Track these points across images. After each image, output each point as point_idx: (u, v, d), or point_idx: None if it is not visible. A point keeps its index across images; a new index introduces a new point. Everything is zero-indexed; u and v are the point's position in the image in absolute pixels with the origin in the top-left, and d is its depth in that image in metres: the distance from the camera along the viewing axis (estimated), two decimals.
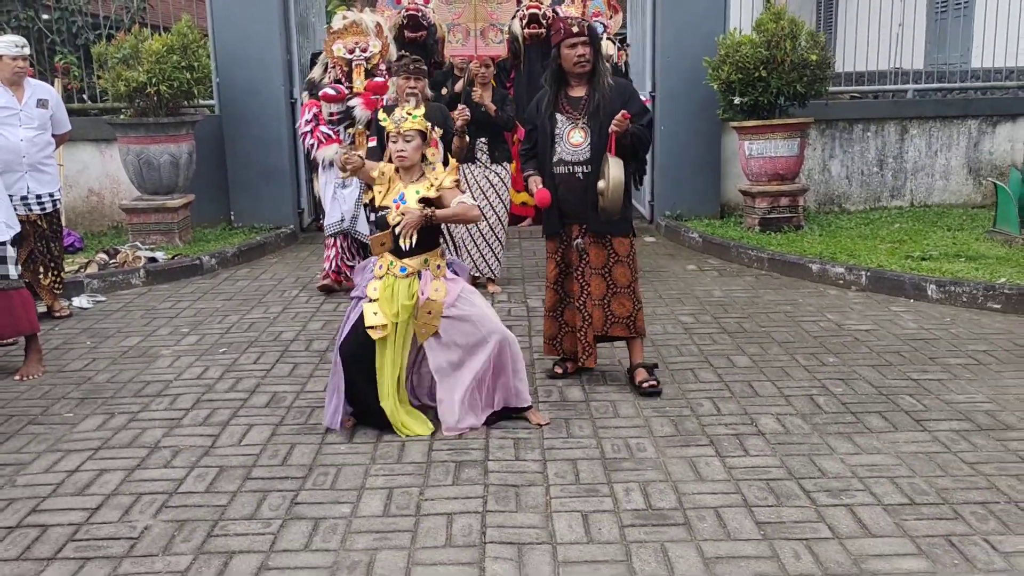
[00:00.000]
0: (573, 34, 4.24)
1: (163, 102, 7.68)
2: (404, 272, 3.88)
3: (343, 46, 6.30)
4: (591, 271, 4.37)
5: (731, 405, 4.15)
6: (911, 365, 4.66)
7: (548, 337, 4.60)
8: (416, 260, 3.89)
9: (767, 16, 7.70)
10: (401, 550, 2.93)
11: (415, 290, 3.87)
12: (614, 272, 4.35)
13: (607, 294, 4.36)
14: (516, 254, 7.76)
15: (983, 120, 8.82)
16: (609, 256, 4.35)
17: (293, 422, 4.05)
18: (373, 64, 6.34)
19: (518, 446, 3.73)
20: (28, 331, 4.84)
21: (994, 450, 3.61)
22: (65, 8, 8.83)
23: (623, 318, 4.37)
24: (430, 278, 3.89)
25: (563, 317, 4.52)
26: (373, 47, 6.33)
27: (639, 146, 4.29)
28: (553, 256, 4.50)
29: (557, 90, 4.37)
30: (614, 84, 4.35)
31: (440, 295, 3.86)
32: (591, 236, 4.35)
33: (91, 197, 8.75)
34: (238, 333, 5.55)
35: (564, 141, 4.32)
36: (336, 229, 6.40)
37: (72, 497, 3.35)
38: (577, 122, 4.30)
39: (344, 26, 6.34)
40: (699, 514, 3.12)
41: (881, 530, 2.99)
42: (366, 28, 6.35)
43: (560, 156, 4.33)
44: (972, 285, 5.78)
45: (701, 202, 8.63)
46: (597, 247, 4.35)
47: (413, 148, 3.91)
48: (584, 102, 4.30)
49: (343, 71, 6.32)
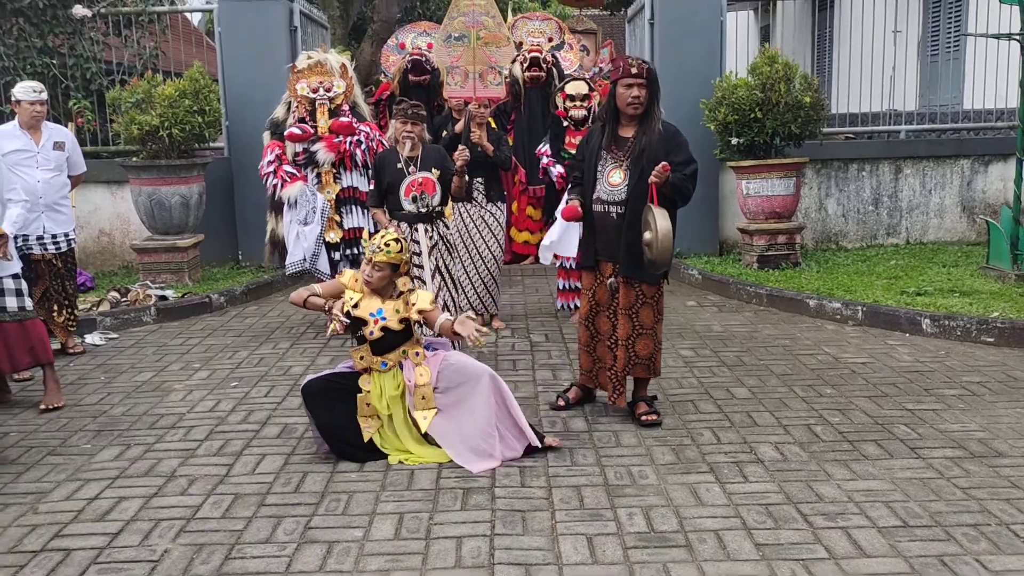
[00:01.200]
0: (632, 75, 4.25)
1: (175, 145, 7.89)
2: (385, 367, 4.06)
3: (307, 85, 6.32)
4: (620, 311, 4.42)
5: (731, 434, 4.27)
6: (906, 396, 4.78)
7: (585, 370, 4.65)
8: (395, 354, 4.08)
9: (762, 60, 7.94)
10: (413, 571, 3.04)
11: (400, 381, 4.06)
12: (641, 313, 4.41)
13: (632, 334, 4.41)
14: (519, 291, 7.91)
15: (975, 160, 9.02)
16: (637, 297, 4.40)
17: (304, 452, 4.17)
18: (336, 104, 6.35)
19: (524, 474, 3.84)
20: (44, 361, 4.96)
21: (986, 476, 3.72)
22: (80, 55, 9.08)
23: (645, 359, 4.44)
24: (412, 367, 4.07)
25: (596, 352, 4.58)
26: (337, 87, 6.35)
27: (678, 196, 4.31)
28: (587, 292, 4.54)
29: (608, 128, 4.40)
30: (663, 130, 4.34)
31: (425, 378, 4.03)
32: (623, 277, 4.40)
33: (102, 238, 8.93)
34: (248, 368, 5.67)
35: (604, 180, 4.38)
36: (298, 268, 6.37)
37: (93, 523, 3.47)
38: (621, 163, 4.34)
39: (308, 65, 6.39)
40: (700, 536, 3.23)
41: (876, 551, 3.10)
42: (330, 68, 6.38)
43: (598, 195, 4.40)
44: (966, 319, 5.91)
45: (700, 240, 8.81)
46: (627, 287, 4.40)
47: (379, 278, 4.05)
48: (631, 144, 4.34)
49: (306, 110, 6.33)
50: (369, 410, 4.05)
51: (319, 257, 6.34)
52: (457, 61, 6.08)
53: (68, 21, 8.94)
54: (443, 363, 4.09)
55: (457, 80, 6.12)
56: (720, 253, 8.83)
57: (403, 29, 9.27)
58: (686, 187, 4.29)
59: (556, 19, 9.52)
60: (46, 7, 8.71)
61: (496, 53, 6.10)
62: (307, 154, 6.27)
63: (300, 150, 6.29)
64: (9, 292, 4.84)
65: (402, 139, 5.39)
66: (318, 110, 6.29)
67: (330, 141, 6.24)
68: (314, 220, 6.21)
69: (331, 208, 6.34)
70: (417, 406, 4.03)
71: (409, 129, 5.38)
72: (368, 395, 4.05)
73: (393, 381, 4.06)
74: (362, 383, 4.08)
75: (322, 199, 6.29)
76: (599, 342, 4.56)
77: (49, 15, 8.81)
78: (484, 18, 6.03)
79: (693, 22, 8.67)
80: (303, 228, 6.25)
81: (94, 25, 9.21)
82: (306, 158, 6.28)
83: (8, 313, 4.81)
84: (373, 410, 4.05)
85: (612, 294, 4.46)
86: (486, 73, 6.10)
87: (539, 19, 9.25)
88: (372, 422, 4.04)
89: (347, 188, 6.41)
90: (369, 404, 4.05)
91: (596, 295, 4.52)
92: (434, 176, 5.31)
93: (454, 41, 6.04)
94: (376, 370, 4.06)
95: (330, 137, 6.25)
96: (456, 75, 6.10)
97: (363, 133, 6.37)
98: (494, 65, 6.12)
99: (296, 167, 6.29)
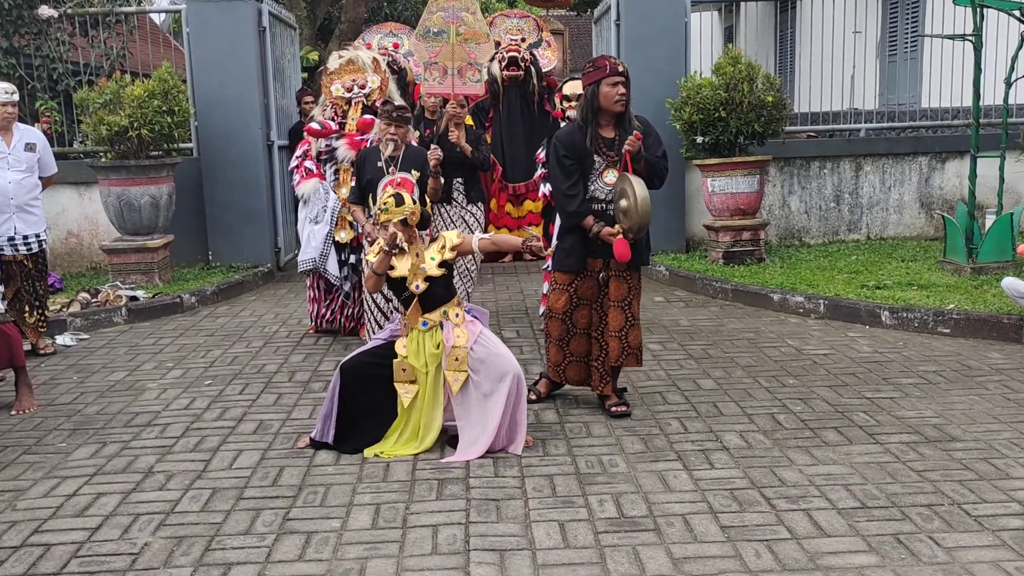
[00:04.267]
0: (618, 72, 4.33)
1: (144, 145, 7.88)
2: (426, 326, 4.12)
3: (341, 85, 6.22)
4: (610, 303, 4.52)
5: (697, 424, 4.40)
6: (865, 385, 4.95)
7: (554, 364, 4.71)
8: (436, 313, 4.13)
9: (725, 60, 8.10)
10: (390, 558, 3.12)
11: (439, 340, 4.10)
12: (632, 305, 4.54)
13: (625, 325, 4.53)
14: (489, 288, 8.00)
15: (933, 157, 9.26)
16: (630, 290, 4.52)
17: (281, 447, 4.23)
18: (372, 100, 6.21)
19: (497, 464, 3.94)
20: (17, 364, 4.97)
21: (940, 459, 3.88)
22: (46, 56, 9.03)
23: (636, 348, 4.57)
24: (451, 327, 4.12)
25: (569, 347, 4.65)
26: (372, 83, 6.23)
27: (654, 174, 4.45)
28: (566, 288, 4.56)
29: (594, 129, 4.43)
30: (638, 122, 4.48)
31: (463, 340, 4.08)
32: (616, 269, 4.49)
33: (70, 239, 8.89)
34: (222, 366, 5.71)
35: (599, 179, 4.46)
36: (308, 267, 6.24)
37: (72, 518, 3.51)
38: (613, 163, 4.42)
39: (340, 65, 6.28)
40: (668, 521, 3.35)
41: (835, 531, 3.24)
42: (363, 64, 6.28)
43: (593, 194, 4.47)
44: (923, 311, 6.10)
45: (667, 237, 8.95)
46: (619, 280, 4.51)
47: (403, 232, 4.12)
48: (616, 143, 4.42)
49: (342, 111, 6.21)
50: (406, 375, 4.08)
51: (327, 257, 6.18)
52: (436, 57, 5.97)
53: (34, 21, 8.88)
54: (479, 339, 4.10)
55: (435, 76, 5.98)
56: (687, 250, 8.99)
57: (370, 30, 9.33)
58: (661, 166, 4.46)
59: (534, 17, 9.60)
60: (11, 7, 8.65)
61: (476, 50, 5.98)
62: (329, 151, 6.15)
63: (324, 147, 6.16)
64: None
65: (385, 140, 5.45)
66: (352, 108, 6.16)
67: (352, 139, 6.08)
68: (324, 219, 6.08)
69: (345, 207, 6.10)
70: (450, 367, 4.07)
71: (393, 131, 5.42)
72: (404, 360, 4.09)
73: (432, 340, 4.10)
74: (397, 347, 4.12)
75: (334, 198, 6.12)
76: (575, 336, 4.62)
77: (15, 15, 8.75)
78: (464, 14, 5.93)
79: (658, 23, 8.81)
80: (313, 227, 6.12)
81: (60, 25, 9.16)
82: (328, 155, 6.16)
83: None
84: (411, 374, 4.08)
85: (600, 288, 4.53)
86: (465, 69, 5.98)
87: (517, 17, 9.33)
88: (410, 387, 4.08)
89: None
90: (405, 369, 4.08)
91: (579, 290, 4.56)
92: (413, 177, 5.37)
93: (433, 36, 5.94)
94: (417, 329, 4.12)
95: (353, 135, 6.10)
96: (434, 71, 5.98)
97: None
98: (473, 62, 6.02)
99: (317, 164, 6.17)
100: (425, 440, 4.11)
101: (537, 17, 9.67)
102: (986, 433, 4.16)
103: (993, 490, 3.54)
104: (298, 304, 7.45)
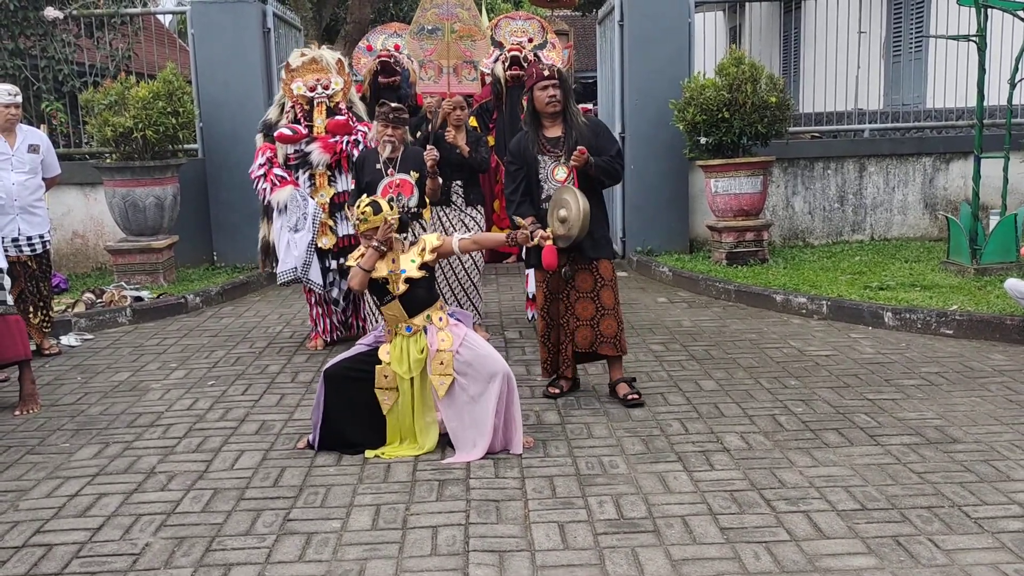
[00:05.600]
0: (544, 77, 4.67)
1: (148, 146, 7.91)
2: (410, 331, 4.12)
3: (303, 84, 5.97)
4: (577, 295, 4.74)
5: (698, 425, 4.40)
6: (867, 386, 4.94)
7: (543, 361, 4.97)
8: (419, 318, 4.13)
9: (729, 61, 8.10)
10: (390, 559, 3.13)
11: (423, 345, 4.10)
12: (601, 295, 4.73)
13: (595, 315, 4.72)
14: (493, 289, 8.01)
15: (937, 157, 9.25)
16: (596, 281, 4.73)
17: (283, 448, 4.25)
18: (335, 102, 6.03)
19: (498, 465, 3.95)
20: (22, 356, 4.98)
21: (941, 461, 3.87)
22: (52, 57, 9.07)
23: (610, 337, 4.73)
24: (435, 331, 4.12)
25: (551, 340, 4.88)
26: (335, 84, 6.03)
27: (606, 177, 4.70)
28: (541, 285, 4.85)
29: (536, 133, 4.75)
30: (587, 122, 4.76)
31: (447, 344, 4.08)
32: (578, 263, 4.70)
33: (75, 239, 8.93)
34: (225, 367, 5.73)
35: (550, 179, 4.70)
36: (289, 277, 5.98)
37: (74, 519, 3.53)
38: (559, 160, 4.68)
39: (303, 63, 6.05)
40: (667, 522, 3.35)
41: (834, 533, 3.24)
42: (326, 64, 6.06)
43: (547, 193, 4.70)
44: (926, 312, 6.09)
45: (670, 238, 8.97)
46: (584, 272, 4.73)
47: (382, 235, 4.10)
48: (563, 140, 4.68)
49: (303, 110, 5.99)
50: (387, 382, 4.09)
51: (310, 266, 5.93)
52: (431, 55, 5.87)
53: (40, 23, 8.93)
54: (463, 342, 4.09)
55: (431, 75, 5.89)
56: (690, 250, 8.99)
57: (373, 31, 9.32)
58: (614, 167, 4.69)
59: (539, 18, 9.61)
60: (17, 9, 8.70)
61: (471, 47, 5.89)
62: (300, 156, 5.93)
63: (292, 152, 5.94)
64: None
65: (382, 142, 5.46)
66: (315, 109, 5.95)
67: (325, 141, 5.90)
68: (305, 227, 5.85)
69: (324, 213, 5.97)
70: (435, 371, 4.07)
71: (390, 133, 5.42)
72: (387, 366, 4.10)
73: (416, 345, 4.10)
74: (380, 354, 4.13)
75: (313, 204, 5.89)
76: (553, 328, 4.85)
77: (20, 17, 8.79)
78: (458, 10, 5.84)
79: (662, 24, 8.82)
80: (293, 235, 5.88)
81: (66, 27, 9.21)
82: (299, 160, 5.94)
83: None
84: (392, 381, 4.09)
85: (567, 281, 4.76)
86: (461, 68, 5.89)
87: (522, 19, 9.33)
88: (390, 394, 4.09)
89: (342, 192, 6.00)
90: (387, 376, 4.09)
91: (549, 285, 4.81)
92: (412, 178, 5.37)
93: (427, 34, 5.87)
94: (401, 335, 4.13)
95: (325, 137, 5.92)
96: (429, 70, 5.89)
97: (360, 133, 6.03)
98: (469, 59, 5.93)
99: (287, 170, 5.93)
100: (426, 444, 4.11)
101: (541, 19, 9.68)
102: (987, 435, 4.16)
103: (994, 492, 3.53)
104: (301, 305, 7.45)
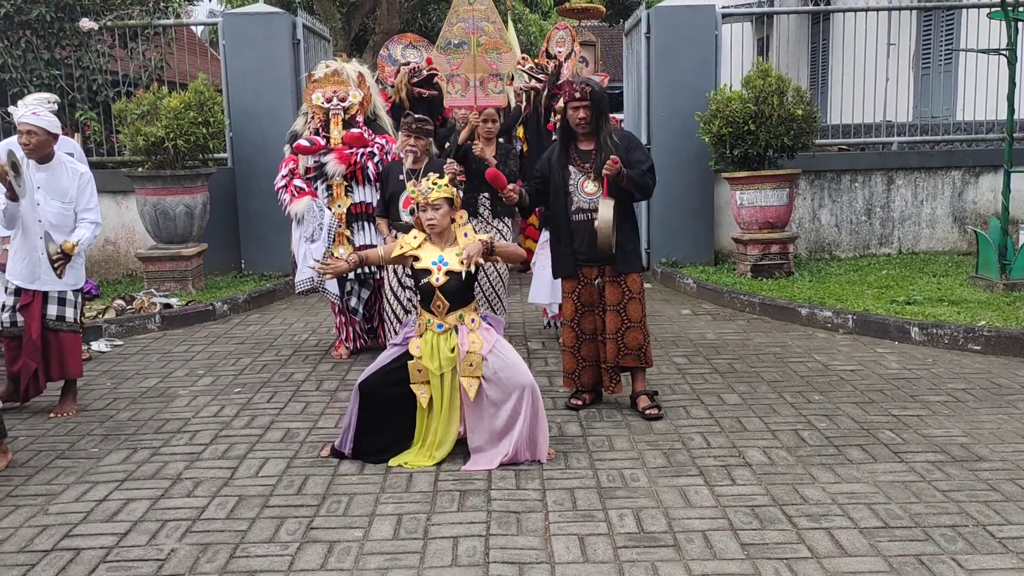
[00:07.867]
0: (575, 98, 4.65)
1: (179, 156, 8.03)
2: (441, 329, 4.15)
3: (321, 94, 6.07)
4: (606, 307, 4.76)
5: (720, 439, 4.39)
6: (892, 402, 4.91)
7: (567, 372, 4.95)
8: (452, 316, 4.16)
9: (755, 73, 8.09)
10: (410, 569, 3.16)
11: (454, 344, 4.13)
12: (628, 308, 4.74)
13: (621, 328, 4.74)
14: (517, 299, 8.04)
15: (966, 171, 9.17)
16: (624, 293, 4.74)
17: (307, 456, 4.29)
18: (351, 115, 6.07)
19: (519, 477, 3.97)
20: (77, 375, 5.14)
21: (966, 479, 3.84)
22: (86, 67, 9.24)
23: (635, 349, 4.75)
24: (466, 332, 4.15)
25: (580, 353, 4.86)
26: (353, 97, 6.06)
27: (637, 190, 4.69)
28: (571, 296, 4.85)
29: (567, 144, 4.78)
30: (619, 136, 4.75)
31: (477, 347, 4.11)
32: (610, 276, 4.73)
33: (107, 246, 9.06)
34: (251, 374, 5.80)
35: (579, 191, 4.72)
36: (306, 287, 6.09)
37: (102, 523, 3.59)
38: (589, 173, 4.70)
39: (325, 75, 6.15)
40: (688, 537, 3.35)
41: (856, 550, 3.22)
42: (347, 77, 6.13)
43: (578, 205, 4.73)
44: (953, 327, 6.04)
45: (695, 250, 8.95)
46: (613, 285, 4.74)
47: (441, 215, 4.19)
48: (593, 155, 4.70)
49: (321, 121, 6.07)
50: (421, 376, 4.12)
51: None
52: (457, 69, 5.99)
53: (75, 34, 9.09)
54: (493, 349, 4.12)
55: (458, 88, 6.01)
56: (715, 263, 8.97)
57: (390, 41, 9.36)
58: (645, 181, 4.70)
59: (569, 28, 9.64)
60: (53, 20, 8.86)
61: (497, 60, 6.00)
62: (318, 167, 6.00)
63: (312, 163, 6.02)
64: (70, 304, 5.08)
65: (405, 152, 5.53)
66: (331, 121, 6.02)
67: (341, 152, 5.96)
68: (320, 237, 5.92)
69: (342, 223, 6.01)
70: (463, 372, 4.09)
71: (412, 143, 5.51)
72: (418, 360, 4.13)
73: (447, 344, 4.12)
74: (412, 348, 4.16)
75: (329, 215, 5.96)
76: (584, 342, 4.86)
77: (56, 28, 8.96)
78: (484, 23, 5.94)
79: (688, 36, 8.84)
80: (310, 246, 5.94)
81: (100, 38, 9.37)
82: (317, 171, 6.02)
83: (66, 323, 5.05)
84: (425, 375, 4.12)
85: (599, 293, 4.77)
86: (487, 80, 6.00)
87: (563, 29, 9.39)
88: (425, 387, 4.12)
89: (359, 203, 6.06)
90: (420, 370, 4.12)
91: (581, 297, 4.82)
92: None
93: (453, 48, 5.97)
94: (432, 331, 4.16)
95: (341, 148, 5.97)
96: (456, 83, 6.00)
97: (377, 145, 6.06)
98: (495, 72, 6.03)
99: (307, 181, 6.02)
100: (437, 453, 4.14)
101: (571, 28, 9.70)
102: (1014, 453, 4.11)
103: (1019, 512, 3.50)
104: (327, 313, 7.52)
